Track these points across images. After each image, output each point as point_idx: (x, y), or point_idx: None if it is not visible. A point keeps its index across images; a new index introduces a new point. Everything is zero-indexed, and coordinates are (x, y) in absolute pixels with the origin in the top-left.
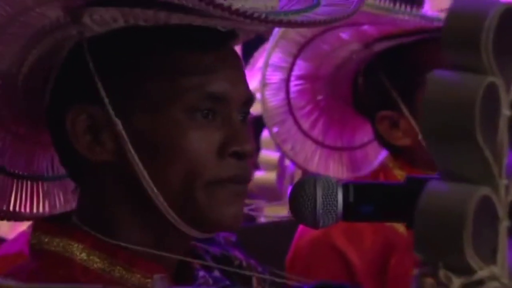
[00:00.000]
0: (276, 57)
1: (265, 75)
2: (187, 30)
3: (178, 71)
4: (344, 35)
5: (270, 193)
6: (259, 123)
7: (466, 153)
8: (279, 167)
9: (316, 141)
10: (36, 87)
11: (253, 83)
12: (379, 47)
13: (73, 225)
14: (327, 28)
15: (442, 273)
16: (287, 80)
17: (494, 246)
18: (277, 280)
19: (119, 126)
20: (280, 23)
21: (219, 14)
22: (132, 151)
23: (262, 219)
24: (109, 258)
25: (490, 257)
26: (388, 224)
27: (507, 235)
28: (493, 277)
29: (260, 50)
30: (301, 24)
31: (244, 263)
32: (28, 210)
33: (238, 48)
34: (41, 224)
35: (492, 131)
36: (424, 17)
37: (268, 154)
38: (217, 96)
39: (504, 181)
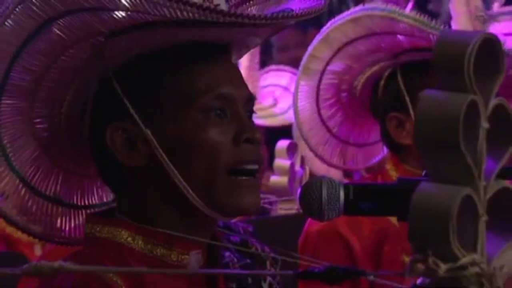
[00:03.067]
0: (318, 51)
1: (305, 62)
2: (192, 48)
3: (191, 81)
4: (382, 42)
5: (282, 193)
6: (274, 136)
7: (451, 159)
8: (290, 172)
9: (330, 131)
10: (76, 121)
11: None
12: (404, 58)
13: (117, 217)
14: (369, 33)
15: (431, 259)
16: (322, 72)
17: (474, 237)
18: (289, 260)
19: (149, 135)
20: (271, 19)
21: (219, 21)
22: (162, 154)
23: (274, 213)
24: (151, 240)
25: (471, 246)
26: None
27: (485, 228)
28: (474, 263)
29: (266, 69)
30: (290, 17)
31: (260, 249)
32: (82, 235)
33: None
34: (92, 217)
35: (473, 141)
36: None
37: (281, 162)
38: (225, 96)
39: (483, 183)
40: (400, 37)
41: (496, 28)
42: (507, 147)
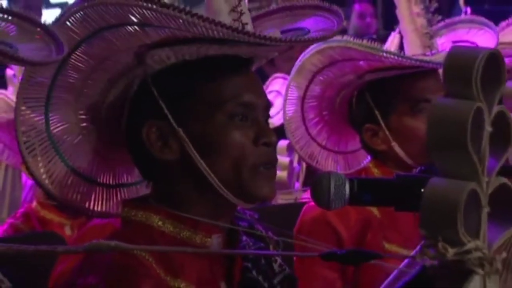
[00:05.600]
0: (296, 81)
1: (287, 92)
2: (221, 60)
3: (219, 89)
4: (346, 67)
5: (282, 186)
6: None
7: (459, 157)
8: (289, 168)
9: (320, 145)
10: (115, 115)
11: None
12: (368, 77)
13: (150, 204)
14: (333, 61)
15: (440, 244)
16: (303, 98)
17: (478, 226)
18: (288, 241)
19: (181, 133)
20: (295, 42)
21: (250, 41)
22: (193, 150)
23: (274, 203)
24: (179, 225)
25: (475, 233)
26: (367, 208)
27: (487, 218)
28: (477, 248)
29: (270, 79)
30: (303, 41)
31: (264, 233)
32: (113, 210)
33: None
34: (128, 203)
35: (478, 142)
36: (402, 56)
37: (281, 158)
38: (247, 104)
39: (486, 179)
40: (359, 61)
41: (440, 41)
42: (506, 148)
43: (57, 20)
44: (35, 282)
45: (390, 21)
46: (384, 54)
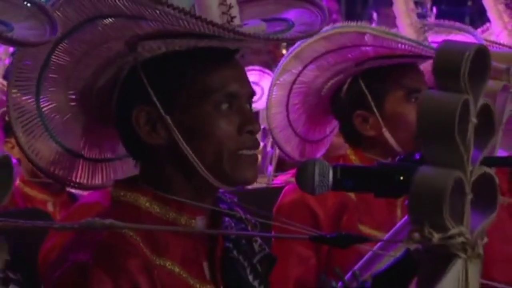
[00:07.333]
0: (290, 65)
1: (278, 76)
2: (209, 51)
3: (206, 79)
4: (349, 54)
5: None
6: None
7: (447, 147)
8: (263, 152)
9: (294, 131)
10: (105, 98)
11: None
12: (366, 66)
13: (139, 185)
14: (341, 47)
15: (427, 230)
16: (292, 83)
17: (461, 212)
18: (267, 222)
19: (168, 120)
20: (276, 40)
21: (238, 38)
22: (180, 137)
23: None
24: (165, 206)
25: (459, 219)
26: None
27: (470, 204)
28: (461, 234)
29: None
30: (288, 39)
31: (243, 216)
32: (97, 181)
33: None
34: (119, 184)
35: (464, 132)
36: (419, 43)
37: None
38: (233, 93)
39: (470, 168)
40: (366, 47)
41: (433, 37)
42: (489, 139)
43: (52, 4)
44: (24, 257)
45: (352, 18)
46: (402, 41)
